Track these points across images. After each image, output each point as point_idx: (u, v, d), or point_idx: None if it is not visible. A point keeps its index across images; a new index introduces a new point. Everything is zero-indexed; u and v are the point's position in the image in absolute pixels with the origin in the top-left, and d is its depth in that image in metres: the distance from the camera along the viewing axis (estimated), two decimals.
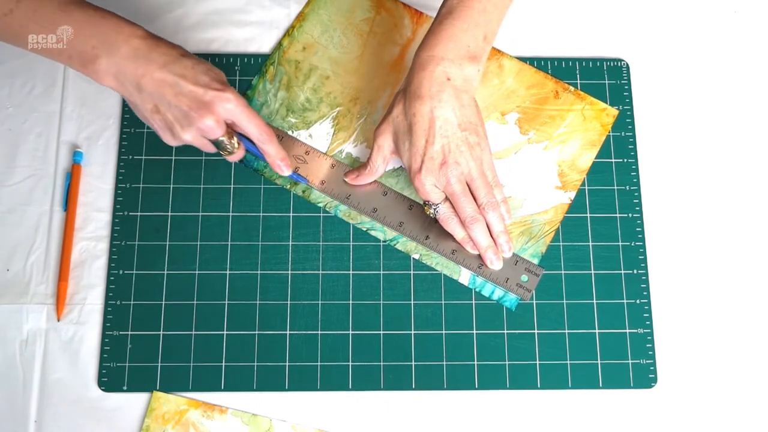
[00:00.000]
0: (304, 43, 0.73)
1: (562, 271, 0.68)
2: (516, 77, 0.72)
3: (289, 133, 0.70)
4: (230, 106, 0.58)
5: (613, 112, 0.72)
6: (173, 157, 0.70)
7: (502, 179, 0.69)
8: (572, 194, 0.69)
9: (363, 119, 0.71)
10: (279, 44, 0.73)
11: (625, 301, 0.68)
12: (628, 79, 0.74)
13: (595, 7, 0.76)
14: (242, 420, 0.63)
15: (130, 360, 0.64)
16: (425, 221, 0.67)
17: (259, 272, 0.67)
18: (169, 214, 0.68)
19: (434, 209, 0.64)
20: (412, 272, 0.68)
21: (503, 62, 0.72)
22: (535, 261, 0.67)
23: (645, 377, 0.66)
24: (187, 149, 0.70)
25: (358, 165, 0.68)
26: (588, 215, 0.70)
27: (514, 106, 0.71)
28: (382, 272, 0.67)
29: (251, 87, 0.72)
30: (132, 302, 0.66)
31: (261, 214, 0.69)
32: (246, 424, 0.63)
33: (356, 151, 0.70)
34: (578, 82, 0.73)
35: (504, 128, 0.71)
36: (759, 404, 0.66)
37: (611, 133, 0.72)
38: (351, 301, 0.67)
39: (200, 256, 0.67)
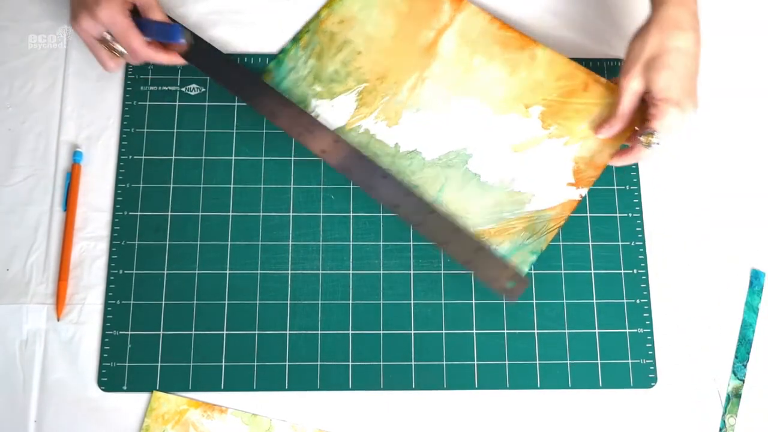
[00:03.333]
0: (342, 16, 0.73)
1: (562, 271, 0.68)
2: (546, 68, 0.71)
3: (313, 101, 0.70)
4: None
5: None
6: (173, 157, 0.70)
7: (516, 173, 0.69)
8: (584, 191, 0.69)
9: (387, 98, 0.71)
10: (317, 14, 0.73)
11: (625, 300, 0.68)
12: None
13: (595, 8, 0.76)
14: (242, 420, 0.63)
15: (130, 360, 0.64)
16: (420, 207, 0.67)
17: (259, 272, 0.67)
18: (169, 214, 0.68)
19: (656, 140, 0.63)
20: (412, 272, 0.68)
21: (537, 52, 0.72)
22: (534, 258, 0.67)
23: (645, 377, 0.66)
24: (187, 149, 0.70)
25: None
26: (588, 215, 0.70)
27: (540, 99, 0.71)
28: (382, 272, 0.67)
29: (283, 50, 0.72)
30: (132, 302, 0.66)
31: (261, 214, 0.69)
32: (246, 424, 0.63)
33: (375, 128, 0.70)
34: None
35: (526, 121, 0.70)
36: (759, 404, 0.66)
37: None
38: (351, 301, 0.67)
39: (200, 256, 0.67)
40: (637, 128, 0.65)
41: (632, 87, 0.63)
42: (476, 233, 0.67)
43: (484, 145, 0.70)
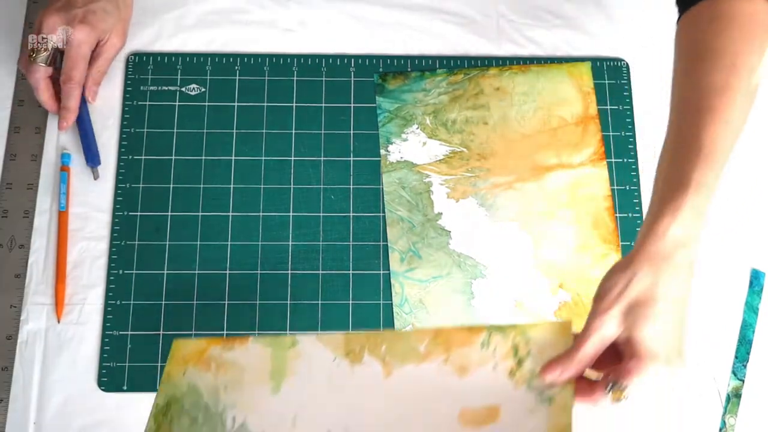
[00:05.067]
0: (503, 86, 0.71)
1: None
2: None
3: (413, 127, 0.70)
4: None
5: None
6: (173, 157, 0.70)
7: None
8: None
9: (470, 176, 0.69)
10: (488, 67, 0.72)
11: None
12: (628, 79, 0.74)
13: (595, 7, 0.76)
14: (263, 343, 0.55)
15: (130, 360, 0.64)
16: None
17: (259, 272, 0.67)
18: (169, 214, 0.68)
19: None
20: None
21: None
22: None
23: None
24: (187, 149, 0.70)
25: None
26: None
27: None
28: (381, 272, 0.67)
29: (432, 71, 0.71)
30: (132, 302, 0.66)
31: (261, 214, 0.69)
32: (268, 346, 0.55)
33: (437, 188, 0.68)
34: None
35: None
36: (759, 404, 0.66)
37: (611, 133, 0.72)
38: (351, 301, 0.67)
39: (200, 256, 0.67)
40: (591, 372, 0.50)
41: (605, 331, 0.48)
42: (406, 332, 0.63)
43: (499, 280, 0.67)
